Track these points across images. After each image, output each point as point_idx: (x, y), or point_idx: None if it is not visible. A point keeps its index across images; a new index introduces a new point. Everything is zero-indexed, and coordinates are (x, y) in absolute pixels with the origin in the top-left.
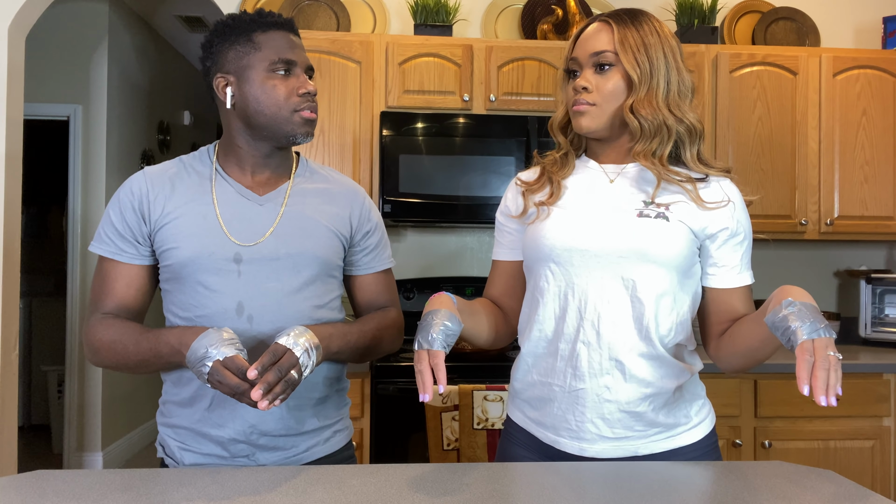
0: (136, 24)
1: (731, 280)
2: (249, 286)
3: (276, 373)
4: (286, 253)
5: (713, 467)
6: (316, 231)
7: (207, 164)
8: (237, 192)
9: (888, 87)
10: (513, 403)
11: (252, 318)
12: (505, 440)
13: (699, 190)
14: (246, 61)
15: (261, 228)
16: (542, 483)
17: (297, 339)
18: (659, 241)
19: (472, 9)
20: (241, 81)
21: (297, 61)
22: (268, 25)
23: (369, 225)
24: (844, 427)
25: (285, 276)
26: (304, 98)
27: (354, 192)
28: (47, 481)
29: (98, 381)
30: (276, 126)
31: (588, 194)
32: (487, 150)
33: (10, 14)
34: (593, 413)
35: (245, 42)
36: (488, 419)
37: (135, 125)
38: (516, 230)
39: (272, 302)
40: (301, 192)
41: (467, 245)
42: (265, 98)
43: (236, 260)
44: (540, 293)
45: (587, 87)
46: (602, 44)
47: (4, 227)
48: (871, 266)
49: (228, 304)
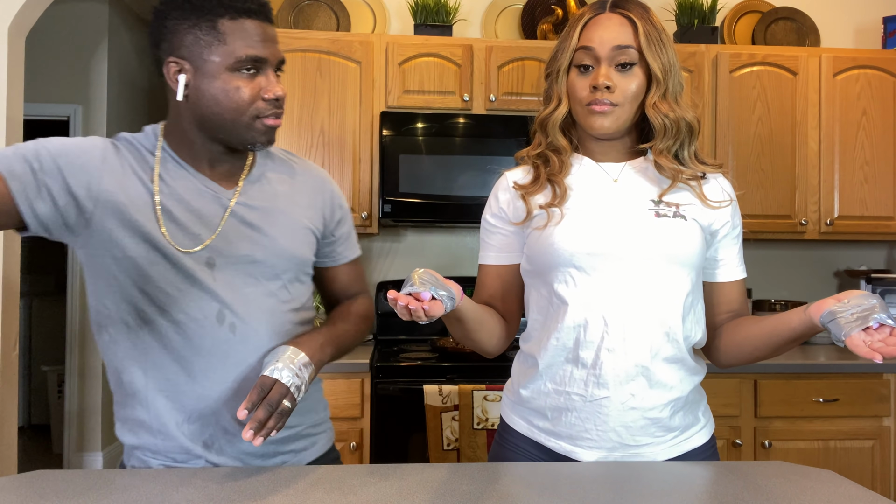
0: (136, 24)
1: (732, 273)
2: (227, 292)
3: (266, 409)
4: (263, 255)
5: (713, 467)
6: (291, 227)
7: (154, 146)
8: (200, 184)
9: (888, 87)
10: (513, 411)
11: (234, 326)
12: (500, 447)
13: (702, 187)
14: (207, 52)
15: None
16: (541, 483)
17: (285, 366)
18: (681, 240)
19: (472, 9)
20: (197, 73)
21: (268, 58)
22: (237, 11)
23: (340, 213)
24: (844, 427)
25: (263, 279)
26: (270, 104)
27: (322, 181)
28: (47, 481)
29: (98, 381)
30: (233, 131)
31: (594, 195)
32: (487, 150)
33: (10, 14)
34: (616, 422)
35: (208, 28)
36: (488, 419)
37: (135, 125)
38: (512, 232)
39: (254, 307)
40: (266, 183)
41: (467, 245)
42: (225, 100)
43: (209, 265)
44: (559, 300)
45: (611, 86)
46: (625, 38)
47: None
48: (871, 266)
49: (207, 310)
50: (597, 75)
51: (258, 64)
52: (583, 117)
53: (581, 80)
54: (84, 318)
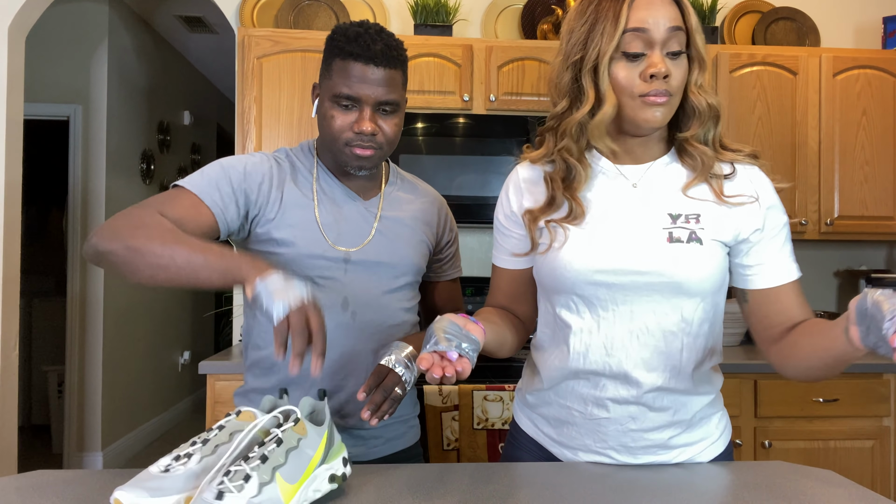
0: (136, 24)
1: (773, 277)
2: (353, 285)
3: (381, 393)
4: (388, 258)
5: (713, 467)
6: (412, 239)
7: (311, 161)
8: (344, 194)
9: (888, 87)
10: (522, 412)
11: (355, 314)
12: (511, 445)
13: (724, 184)
14: (323, 83)
15: (364, 232)
16: (542, 483)
17: (398, 357)
18: (694, 270)
19: (472, 9)
20: (319, 99)
21: (362, 98)
22: (346, 54)
23: (450, 235)
24: (844, 427)
25: (385, 279)
26: (359, 136)
27: (440, 203)
28: (47, 481)
29: (98, 381)
30: (332, 152)
31: (608, 209)
32: (487, 151)
33: (10, 14)
34: (615, 441)
35: (327, 64)
36: (488, 419)
37: (135, 125)
38: (524, 236)
39: (373, 300)
40: (396, 200)
41: (467, 245)
42: (324, 124)
43: (345, 261)
44: (562, 323)
45: (669, 74)
46: (676, 18)
47: (4, 227)
48: (871, 266)
49: (335, 299)
50: (653, 62)
51: (352, 101)
52: (634, 111)
53: (632, 68)
54: (84, 318)
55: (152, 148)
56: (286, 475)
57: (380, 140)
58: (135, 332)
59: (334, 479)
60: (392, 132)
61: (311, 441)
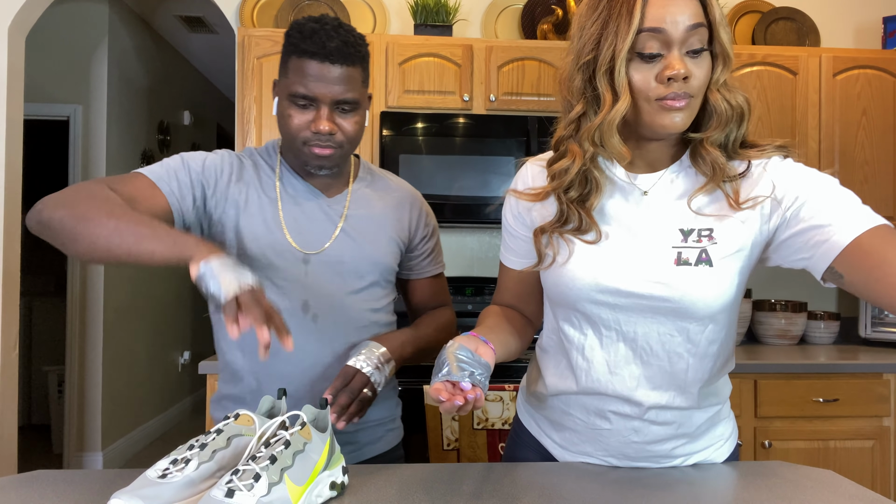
0: (136, 24)
1: (844, 235)
2: (314, 287)
3: (348, 395)
4: (351, 258)
5: (713, 467)
6: (380, 237)
7: (274, 159)
8: (308, 192)
9: (888, 87)
10: (525, 410)
11: (317, 317)
12: (514, 443)
13: (741, 184)
14: (280, 80)
15: (328, 231)
16: (542, 483)
17: (367, 358)
18: (701, 295)
19: (472, 9)
20: (277, 98)
21: (319, 98)
22: (301, 53)
23: (426, 230)
24: (844, 427)
25: (349, 279)
26: (316, 135)
27: (413, 199)
28: (47, 481)
29: (98, 381)
30: (292, 151)
31: (620, 220)
32: (487, 151)
33: (10, 14)
34: (616, 451)
35: (283, 62)
36: (488, 419)
37: (135, 125)
38: (531, 239)
39: (336, 302)
40: (364, 197)
41: (467, 245)
42: (282, 123)
43: (304, 262)
44: (565, 336)
45: (689, 75)
46: (698, 15)
47: (4, 227)
48: None
49: (294, 302)
50: (671, 63)
51: (308, 100)
52: (651, 115)
53: (648, 70)
54: (84, 318)
55: (152, 148)
56: (294, 477)
57: (339, 139)
58: (135, 332)
59: (335, 486)
60: (352, 130)
61: (316, 446)
